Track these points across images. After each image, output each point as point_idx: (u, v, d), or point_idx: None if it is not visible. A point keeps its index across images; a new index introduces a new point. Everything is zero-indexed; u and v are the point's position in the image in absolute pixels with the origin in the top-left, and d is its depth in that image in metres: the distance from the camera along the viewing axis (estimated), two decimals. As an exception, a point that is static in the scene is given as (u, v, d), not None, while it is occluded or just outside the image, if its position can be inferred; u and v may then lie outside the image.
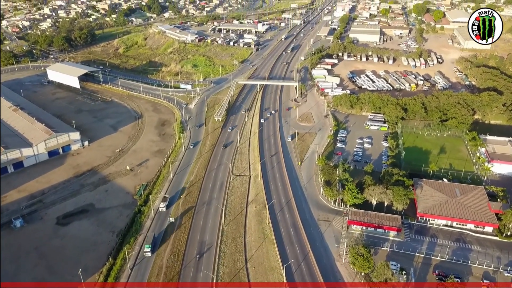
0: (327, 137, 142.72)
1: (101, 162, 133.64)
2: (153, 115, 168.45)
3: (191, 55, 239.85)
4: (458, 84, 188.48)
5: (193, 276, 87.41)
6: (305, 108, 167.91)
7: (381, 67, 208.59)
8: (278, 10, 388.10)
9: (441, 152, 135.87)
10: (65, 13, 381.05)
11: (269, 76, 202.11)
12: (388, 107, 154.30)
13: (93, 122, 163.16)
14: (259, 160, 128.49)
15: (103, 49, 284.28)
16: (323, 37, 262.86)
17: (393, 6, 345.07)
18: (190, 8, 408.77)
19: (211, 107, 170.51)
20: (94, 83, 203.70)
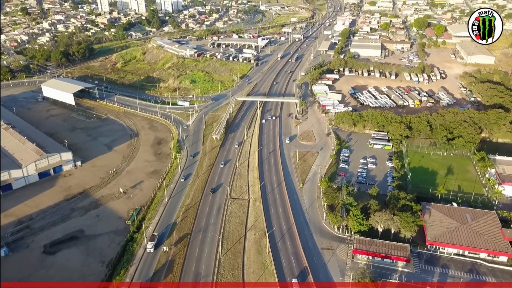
0: (330, 156, 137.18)
1: (93, 184, 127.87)
2: (149, 133, 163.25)
3: (189, 71, 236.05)
4: (462, 100, 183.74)
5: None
6: (306, 125, 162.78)
7: (383, 83, 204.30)
8: (278, 24, 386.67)
9: (449, 173, 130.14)
10: (64, 27, 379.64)
11: (269, 92, 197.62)
12: (392, 125, 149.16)
13: (87, 140, 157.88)
14: (258, 182, 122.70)
15: (101, 64, 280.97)
16: (324, 52, 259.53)
17: (394, 20, 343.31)
18: (190, 22, 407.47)
19: (209, 125, 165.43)
20: (90, 99, 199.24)
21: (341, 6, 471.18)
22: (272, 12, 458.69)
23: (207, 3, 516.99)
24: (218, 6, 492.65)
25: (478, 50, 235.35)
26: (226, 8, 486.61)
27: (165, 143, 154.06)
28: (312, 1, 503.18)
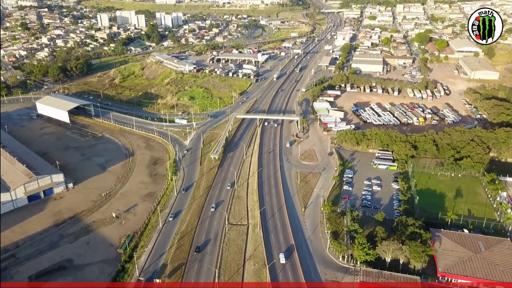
0: (333, 178, 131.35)
1: (85, 208, 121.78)
2: (145, 153, 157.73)
3: (188, 87, 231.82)
4: (468, 117, 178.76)
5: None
6: (307, 144, 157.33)
7: (386, 99, 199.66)
8: (278, 38, 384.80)
9: (458, 195, 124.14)
10: (63, 42, 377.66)
11: (269, 109, 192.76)
12: (396, 144, 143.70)
13: (81, 160, 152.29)
14: (258, 206, 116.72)
15: (99, 79, 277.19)
16: (325, 67, 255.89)
17: (395, 35, 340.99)
18: (190, 37, 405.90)
19: (208, 143, 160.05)
20: (86, 116, 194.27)
21: (341, 20, 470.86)
22: (272, 26, 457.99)
23: (207, 17, 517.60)
24: (218, 21, 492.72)
25: (482, 65, 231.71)
26: (226, 22, 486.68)
27: (161, 163, 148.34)
28: (312, 16, 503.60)
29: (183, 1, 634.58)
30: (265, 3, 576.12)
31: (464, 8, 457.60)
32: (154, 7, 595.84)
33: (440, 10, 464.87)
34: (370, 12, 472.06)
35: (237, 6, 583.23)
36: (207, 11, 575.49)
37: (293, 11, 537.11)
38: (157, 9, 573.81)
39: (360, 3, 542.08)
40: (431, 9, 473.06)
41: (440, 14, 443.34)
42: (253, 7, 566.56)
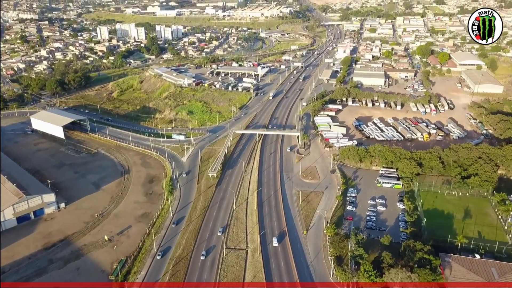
0: (335, 198, 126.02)
1: (76, 230, 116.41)
2: (141, 170, 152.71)
3: (187, 101, 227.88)
4: (473, 132, 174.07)
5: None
6: (308, 161, 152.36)
7: (389, 114, 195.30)
8: (278, 51, 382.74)
9: (466, 216, 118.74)
10: (62, 55, 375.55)
11: (269, 124, 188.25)
12: (401, 162, 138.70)
13: (74, 178, 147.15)
14: (258, 228, 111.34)
15: (97, 92, 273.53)
16: (325, 81, 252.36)
17: (396, 47, 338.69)
18: (190, 50, 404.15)
19: (206, 160, 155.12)
20: (81, 131, 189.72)
21: (341, 32, 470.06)
22: (272, 39, 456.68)
23: (207, 30, 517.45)
24: (218, 33, 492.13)
25: (485, 79, 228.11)
26: (226, 35, 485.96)
27: (158, 181, 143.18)
28: (312, 28, 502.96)
29: (183, 14, 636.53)
30: (265, 15, 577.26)
31: (464, 21, 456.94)
32: (155, 20, 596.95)
33: (440, 23, 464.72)
34: (370, 24, 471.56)
35: (237, 18, 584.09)
36: (207, 23, 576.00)
37: (293, 24, 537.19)
38: (158, 21, 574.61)
39: (360, 15, 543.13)
40: (431, 22, 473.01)
41: (440, 27, 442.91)
42: (253, 20, 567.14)
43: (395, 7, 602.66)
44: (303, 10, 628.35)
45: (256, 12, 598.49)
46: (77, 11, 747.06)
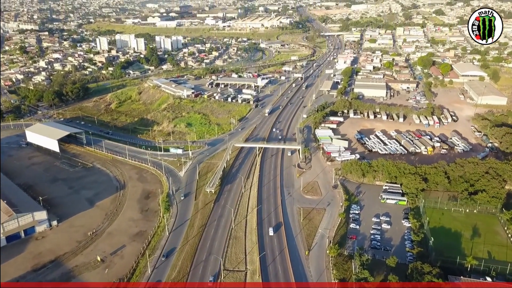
0: (338, 215, 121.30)
1: (68, 250, 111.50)
2: (137, 185, 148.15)
3: (185, 112, 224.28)
4: (478, 146, 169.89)
5: None
6: (310, 175, 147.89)
7: (391, 126, 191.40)
8: (278, 62, 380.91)
9: (475, 235, 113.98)
10: (61, 66, 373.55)
11: (268, 137, 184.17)
12: (405, 177, 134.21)
13: (68, 194, 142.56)
14: (257, 248, 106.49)
15: (95, 104, 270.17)
16: (326, 92, 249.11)
17: (396, 58, 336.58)
18: (189, 60, 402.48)
19: (204, 175, 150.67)
20: (77, 145, 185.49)
21: (341, 43, 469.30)
22: (272, 49, 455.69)
23: (207, 41, 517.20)
24: (218, 44, 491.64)
25: (489, 90, 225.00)
26: (226, 46, 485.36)
27: (154, 197, 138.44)
28: (312, 39, 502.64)
29: (183, 25, 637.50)
30: (265, 26, 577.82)
31: (464, 31, 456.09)
32: (155, 31, 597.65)
33: (440, 33, 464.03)
34: (370, 35, 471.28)
35: (237, 29, 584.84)
36: (207, 34, 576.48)
37: (293, 34, 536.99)
38: (158, 32, 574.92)
39: (360, 26, 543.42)
40: (431, 32, 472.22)
41: (441, 37, 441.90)
42: (253, 30, 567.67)
43: (394, 18, 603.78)
44: (303, 20, 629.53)
45: (256, 23, 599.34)
46: (78, 21, 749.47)
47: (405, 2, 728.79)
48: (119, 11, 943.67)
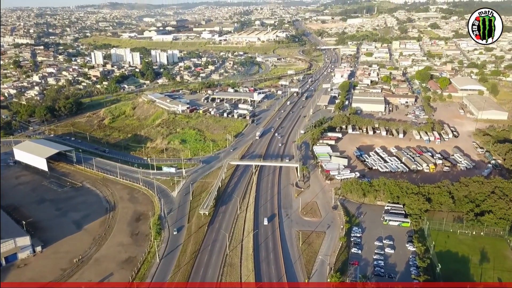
0: (339, 239, 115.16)
1: (51, 278, 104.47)
2: (128, 206, 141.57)
3: (180, 128, 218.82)
4: (481, 162, 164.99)
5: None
6: (308, 195, 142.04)
7: (391, 142, 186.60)
8: (275, 76, 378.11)
9: (483, 259, 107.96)
10: (54, 80, 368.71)
11: (265, 154, 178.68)
12: (408, 197, 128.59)
13: (55, 216, 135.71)
14: (253, 276, 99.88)
15: (88, 119, 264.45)
16: (323, 107, 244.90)
17: (394, 72, 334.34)
18: (185, 75, 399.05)
19: (198, 195, 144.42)
20: (67, 163, 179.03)
21: (337, 57, 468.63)
22: (268, 63, 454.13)
23: (204, 55, 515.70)
24: (214, 58, 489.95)
25: (489, 105, 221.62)
26: (223, 59, 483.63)
27: (145, 220, 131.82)
28: (308, 53, 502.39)
29: (179, 38, 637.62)
30: (261, 40, 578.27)
31: (460, 45, 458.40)
32: (151, 44, 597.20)
33: (436, 47, 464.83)
34: (367, 48, 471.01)
35: (233, 43, 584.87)
36: (203, 48, 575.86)
37: (289, 48, 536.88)
38: (154, 46, 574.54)
39: (356, 39, 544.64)
40: (427, 46, 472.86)
41: (437, 51, 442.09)
42: (250, 44, 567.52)
43: (390, 31, 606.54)
44: (299, 34, 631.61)
45: (252, 37, 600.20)
46: (74, 35, 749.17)
47: (400, 16, 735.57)
48: (116, 25, 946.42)
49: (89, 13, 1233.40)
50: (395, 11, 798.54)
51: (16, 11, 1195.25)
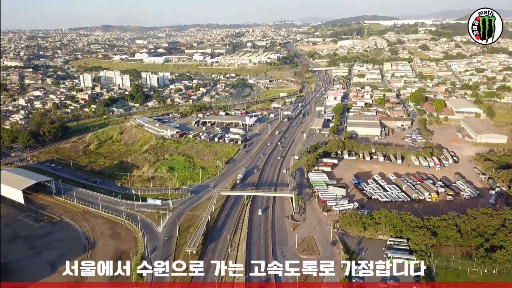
0: (340, 280, 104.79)
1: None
2: (109, 244, 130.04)
3: (168, 154, 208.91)
4: (485, 190, 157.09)
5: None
6: (305, 229, 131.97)
7: (389, 168, 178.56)
8: (267, 98, 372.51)
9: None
10: (41, 104, 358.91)
11: (258, 183, 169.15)
12: (413, 231, 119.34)
13: (27, 256, 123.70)
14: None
15: (73, 145, 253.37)
16: (317, 131, 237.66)
17: (387, 94, 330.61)
18: (176, 97, 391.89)
19: (185, 230, 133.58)
20: (46, 194, 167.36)
21: (329, 78, 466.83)
22: (260, 85, 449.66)
23: (195, 77, 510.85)
24: (205, 80, 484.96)
25: (487, 128, 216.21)
26: (214, 81, 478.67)
27: (127, 259, 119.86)
28: (300, 74, 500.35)
29: (171, 60, 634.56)
30: (253, 62, 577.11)
31: (451, 66, 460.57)
32: (142, 67, 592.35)
33: (427, 68, 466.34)
34: (358, 70, 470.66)
35: (225, 65, 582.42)
36: (195, 70, 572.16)
37: (281, 70, 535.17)
38: (145, 68, 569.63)
39: (347, 61, 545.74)
40: (418, 67, 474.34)
41: (428, 72, 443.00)
42: (241, 66, 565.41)
43: (381, 53, 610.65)
44: (291, 56, 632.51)
45: (244, 59, 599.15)
46: (65, 58, 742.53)
47: (390, 37, 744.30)
48: (107, 47, 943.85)
49: (81, 36, 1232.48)
50: (384, 33, 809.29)
51: (8, 34, 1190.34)
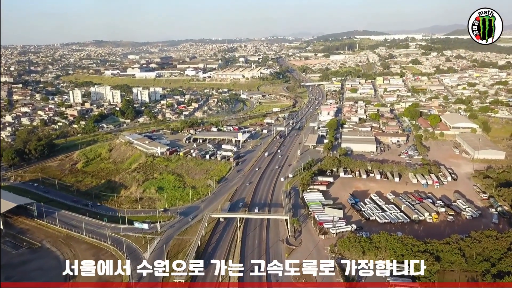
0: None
1: None
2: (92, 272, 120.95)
3: (158, 173, 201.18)
4: (486, 209, 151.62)
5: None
6: (301, 254, 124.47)
7: (386, 187, 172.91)
8: (260, 113, 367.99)
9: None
10: (29, 120, 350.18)
11: (250, 204, 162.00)
12: (415, 256, 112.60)
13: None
14: None
15: (60, 163, 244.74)
16: (311, 147, 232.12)
17: (381, 109, 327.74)
18: (167, 113, 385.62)
19: (174, 256, 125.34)
20: (27, 217, 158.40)
21: (322, 93, 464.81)
22: (253, 100, 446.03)
23: (187, 92, 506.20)
24: (198, 95, 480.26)
25: (484, 144, 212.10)
26: (206, 97, 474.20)
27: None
28: (293, 89, 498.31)
29: (163, 76, 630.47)
30: (245, 77, 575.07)
31: (443, 80, 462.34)
32: (134, 82, 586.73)
33: (420, 82, 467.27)
34: (351, 84, 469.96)
35: (217, 80, 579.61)
36: (187, 85, 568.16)
37: (274, 85, 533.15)
38: (137, 83, 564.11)
39: (339, 75, 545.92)
40: (410, 81, 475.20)
41: (421, 86, 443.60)
42: (234, 81, 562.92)
43: (373, 67, 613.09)
44: (283, 71, 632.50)
45: (236, 74, 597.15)
46: (56, 73, 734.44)
47: (381, 52, 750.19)
48: (99, 62, 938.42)
49: (73, 51, 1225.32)
50: (376, 47, 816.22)
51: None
